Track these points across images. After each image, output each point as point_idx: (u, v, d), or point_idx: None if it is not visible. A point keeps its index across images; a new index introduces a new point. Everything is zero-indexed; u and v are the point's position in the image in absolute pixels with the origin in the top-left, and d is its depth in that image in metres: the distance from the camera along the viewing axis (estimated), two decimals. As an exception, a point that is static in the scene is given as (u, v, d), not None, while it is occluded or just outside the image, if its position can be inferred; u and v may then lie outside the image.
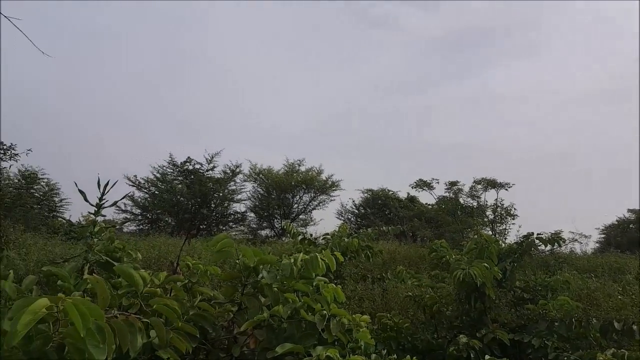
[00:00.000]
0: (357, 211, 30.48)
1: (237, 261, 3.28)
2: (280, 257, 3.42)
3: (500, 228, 25.84)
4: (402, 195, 30.83)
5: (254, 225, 27.83)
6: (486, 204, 26.37)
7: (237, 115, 54.33)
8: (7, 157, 6.22)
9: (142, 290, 2.53)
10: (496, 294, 5.03)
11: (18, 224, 10.79)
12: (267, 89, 58.48)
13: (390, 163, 49.10)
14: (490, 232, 24.86)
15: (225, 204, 26.22)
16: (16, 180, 21.69)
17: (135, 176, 24.60)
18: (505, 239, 24.62)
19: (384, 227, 10.37)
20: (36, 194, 22.25)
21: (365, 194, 30.27)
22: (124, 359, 2.16)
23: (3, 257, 8.29)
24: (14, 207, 18.61)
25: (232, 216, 26.90)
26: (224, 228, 26.43)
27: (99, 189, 3.93)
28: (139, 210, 24.70)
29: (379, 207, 29.78)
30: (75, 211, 27.50)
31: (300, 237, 7.68)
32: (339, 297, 3.01)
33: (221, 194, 25.55)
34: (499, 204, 25.76)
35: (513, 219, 25.34)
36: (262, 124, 53.52)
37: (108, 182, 3.85)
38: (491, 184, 25.51)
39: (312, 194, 27.87)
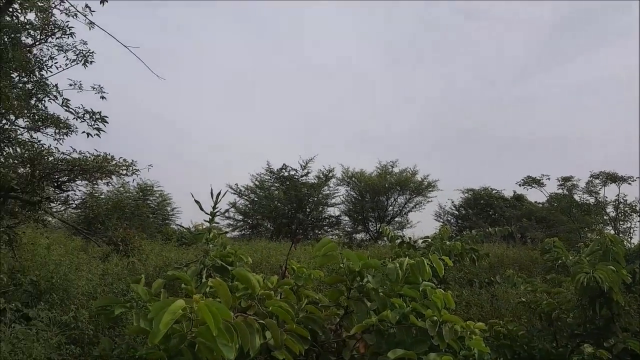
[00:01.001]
0: (457, 212, 29.24)
1: (341, 265, 3.37)
2: (384, 261, 3.44)
3: (624, 226, 23.16)
4: (507, 193, 28.91)
5: (349, 229, 28.12)
6: (606, 200, 23.73)
7: (328, 118, 55.32)
8: (130, 172, 7.13)
9: (258, 293, 2.72)
10: (625, 300, 4.54)
11: (138, 232, 12.11)
12: (358, 89, 58.69)
13: (490, 160, 46.37)
14: (612, 231, 22.32)
15: (320, 208, 26.88)
16: (134, 193, 24.48)
17: (237, 184, 26.40)
18: (631, 238, 22.05)
19: (489, 229, 9.84)
20: (152, 205, 24.88)
21: (466, 194, 28.92)
22: (243, 359, 2.35)
23: (129, 263, 9.39)
24: (133, 217, 21.07)
25: (327, 220, 27.47)
26: (320, 232, 27.11)
27: (212, 198, 4.30)
28: (241, 217, 26.37)
29: (481, 207, 28.25)
30: (185, 219, 30.14)
31: (398, 241, 7.60)
32: (449, 303, 2.95)
33: (315, 199, 26.26)
34: (622, 200, 23.03)
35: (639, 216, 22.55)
36: (354, 126, 53.89)
37: (220, 192, 4.20)
38: (611, 178, 22.93)
39: (408, 196, 27.38)
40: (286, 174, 26.56)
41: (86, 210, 7.66)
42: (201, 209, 4.32)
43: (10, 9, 7.08)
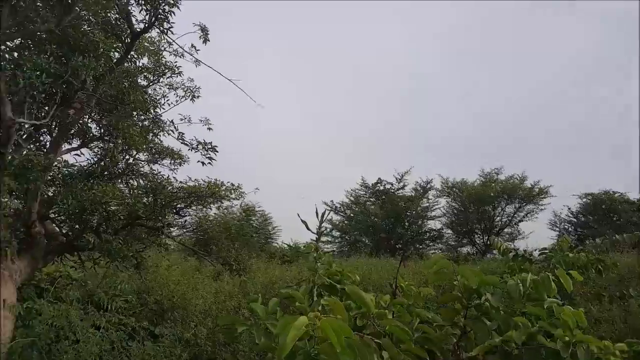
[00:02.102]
0: (575, 220, 26.63)
1: (455, 282, 3.28)
2: (502, 277, 3.29)
3: None
4: (633, 196, 25.67)
5: (453, 242, 27.02)
6: None
7: (423, 129, 54.24)
8: (238, 196, 7.75)
9: (373, 311, 2.77)
10: None
11: (248, 252, 12.84)
12: (450, 96, 56.89)
13: (602, 162, 41.66)
14: None
15: (420, 222, 26.24)
16: (238, 214, 26.15)
17: (332, 201, 26.91)
18: None
19: (616, 236, 8.82)
20: (254, 224, 26.34)
21: (584, 199, 26.26)
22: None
23: (242, 282, 10.03)
24: (238, 237, 22.46)
25: (428, 234, 26.71)
26: (421, 247, 26.43)
27: (317, 217, 4.48)
28: (338, 233, 26.76)
29: (603, 213, 25.41)
30: (285, 237, 31.35)
31: (511, 254, 7.16)
32: (581, 321, 2.72)
33: (414, 212, 25.72)
34: None
35: None
36: (451, 135, 52.15)
37: (324, 211, 4.35)
38: None
39: (517, 205, 25.61)
40: (381, 188, 26.47)
41: (201, 232, 8.43)
42: (308, 228, 4.50)
43: (128, 56, 8.14)
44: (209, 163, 7.68)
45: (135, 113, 9.26)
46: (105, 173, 8.58)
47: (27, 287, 7.95)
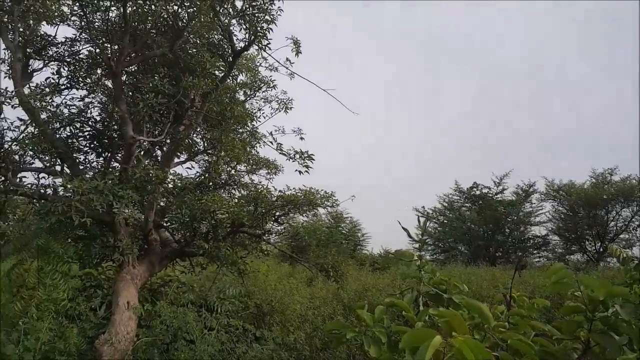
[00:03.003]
0: None
1: (577, 294, 3.09)
2: (631, 288, 3.03)
3: None
4: None
5: (560, 250, 24.97)
6: None
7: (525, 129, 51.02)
8: (332, 203, 7.95)
9: (492, 324, 2.70)
10: None
11: (345, 259, 13.01)
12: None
13: None
14: None
15: (522, 228, 24.64)
16: (327, 221, 26.61)
17: (423, 207, 26.30)
18: None
19: None
20: (343, 231, 26.62)
21: None
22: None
23: (339, 288, 10.21)
24: (328, 243, 22.82)
25: (532, 241, 24.97)
26: (523, 255, 24.77)
27: (419, 225, 4.46)
28: (431, 240, 26.05)
29: None
30: (375, 244, 31.23)
31: (634, 263, 6.48)
32: None
33: (515, 218, 24.22)
34: None
35: None
36: (556, 132, 48.44)
37: (426, 218, 4.31)
38: None
39: (635, 208, 23.01)
40: (478, 192, 25.30)
41: (297, 239, 8.77)
42: (409, 236, 4.49)
43: (230, 73, 8.76)
44: (306, 172, 7.98)
45: (235, 127, 9.91)
46: (210, 184, 9.29)
47: (141, 290, 8.83)
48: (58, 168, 8.14)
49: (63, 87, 8.87)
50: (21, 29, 7.99)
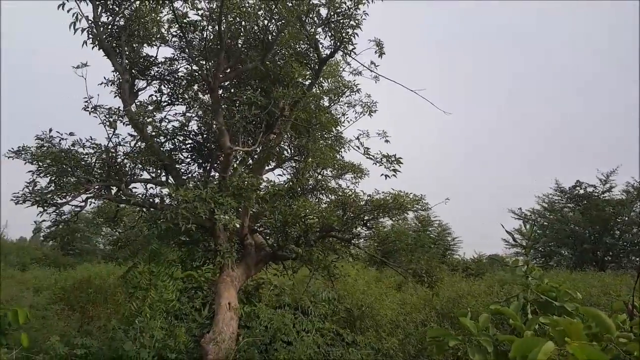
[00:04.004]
0: None
1: None
2: None
3: None
4: None
5: (684, 254, 22.20)
6: None
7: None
8: (423, 207, 7.84)
9: (615, 334, 2.53)
10: None
11: (438, 264, 12.73)
12: None
13: None
14: None
15: (635, 230, 22.29)
16: (413, 224, 26.07)
17: (520, 208, 24.75)
18: None
19: None
20: (431, 235, 25.92)
21: None
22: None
23: (434, 295, 10.03)
24: (415, 248, 22.33)
25: (648, 243, 22.49)
26: (638, 259, 22.38)
27: (524, 228, 4.27)
28: (529, 243, 24.46)
29: None
30: (466, 248, 30.05)
31: None
32: None
33: (627, 218, 21.99)
34: None
35: None
36: None
37: (532, 222, 4.13)
38: None
39: None
40: (581, 192, 23.31)
41: (387, 244, 8.76)
42: (514, 240, 4.33)
43: (316, 81, 9.04)
44: (394, 175, 7.97)
45: (321, 133, 10.16)
46: (299, 189, 9.62)
47: (238, 292, 9.34)
48: (164, 178, 8.94)
49: (164, 103, 9.74)
50: (127, 52, 8.91)
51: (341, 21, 7.62)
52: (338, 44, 7.81)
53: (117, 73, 8.97)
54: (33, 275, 18.25)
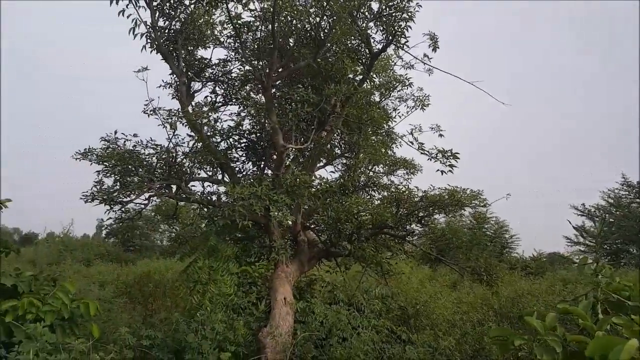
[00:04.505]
0: None
1: None
2: None
3: None
4: None
5: None
6: None
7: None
8: (481, 203, 7.68)
9: None
10: None
11: (498, 262, 12.43)
12: None
13: None
14: None
15: None
16: (468, 222, 25.37)
17: (583, 204, 23.49)
18: None
19: None
20: (487, 232, 25.11)
21: None
22: None
23: (494, 294, 9.79)
24: (471, 246, 21.69)
25: None
26: None
27: (594, 225, 4.11)
28: (593, 242, 23.22)
29: None
30: (525, 246, 28.93)
31: None
32: None
33: None
34: None
35: None
36: None
37: (605, 217, 3.97)
38: None
39: None
40: (652, 186, 21.82)
41: (443, 240, 8.63)
42: (582, 236, 4.18)
43: (368, 76, 9.03)
44: (450, 171, 7.83)
45: (372, 129, 10.13)
46: (350, 186, 9.66)
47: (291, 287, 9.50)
48: (220, 177, 9.27)
49: (219, 104, 10.07)
50: (183, 55, 9.28)
51: (393, 14, 7.56)
52: (390, 37, 7.76)
53: (175, 76, 9.36)
54: (97, 271, 19.36)
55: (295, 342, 6.69)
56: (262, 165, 9.77)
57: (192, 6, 8.55)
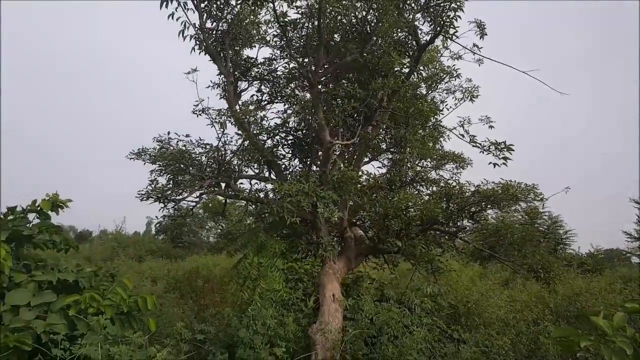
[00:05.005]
0: None
1: None
2: None
3: None
4: None
5: None
6: None
7: None
8: (537, 198, 7.37)
9: None
10: None
11: (557, 260, 12.00)
12: None
13: None
14: None
15: None
16: (519, 217, 24.49)
17: (645, 198, 22.23)
18: None
19: None
20: (540, 228, 24.14)
21: None
22: None
23: (551, 292, 9.45)
24: (524, 242, 20.93)
25: None
26: None
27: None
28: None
29: None
30: (581, 242, 27.73)
31: None
32: None
33: None
34: None
35: None
36: None
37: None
38: None
39: None
40: None
41: (497, 236, 8.37)
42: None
43: (415, 69, 8.90)
44: (504, 164, 7.59)
45: (420, 122, 9.97)
46: (397, 181, 9.57)
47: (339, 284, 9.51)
48: (266, 174, 9.43)
49: (265, 102, 10.23)
50: (231, 55, 9.48)
51: (442, 4, 7.41)
52: (438, 28, 7.61)
53: (222, 76, 9.59)
54: (148, 266, 20.13)
55: (346, 340, 6.71)
56: (308, 162, 9.84)
57: (239, 7, 8.72)
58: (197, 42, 9.01)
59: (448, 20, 7.45)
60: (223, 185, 8.96)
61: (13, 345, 4.76)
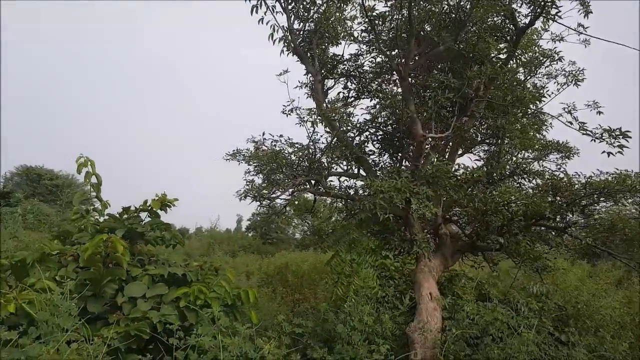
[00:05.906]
0: None
1: None
2: None
3: None
4: None
5: None
6: None
7: None
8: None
9: None
10: None
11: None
12: None
13: None
14: None
15: None
16: (633, 210, 22.23)
17: None
18: None
19: None
20: None
21: None
22: None
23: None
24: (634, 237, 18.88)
25: None
26: None
27: None
28: None
29: None
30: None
31: None
32: None
33: None
34: None
35: None
36: None
37: None
38: None
39: None
40: None
41: (613, 232, 7.61)
42: None
43: (514, 54, 8.38)
44: (620, 152, 6.89)
45: (520, 111, 9.37)
46: (495, 175, 9.09)
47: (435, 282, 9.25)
48: (356, 171, 9.43)
49: (352, 99, 10.24)
50: (318, 54, 9.60)
51: (542, -16, 6.90)
52: (539, 10, 7.09)
53: (309, 75, 9.75)
54: (241, 262, 21.13)
55: (448, 339, 6.51)
56: (399, 157, 9.69)
57: (325, 5, 8.80)
58: (286, 44, 9.23)
59: (550, 0, 6.91)
60: (313, 182, 9.12)
61: (134, 334, 5.16)
